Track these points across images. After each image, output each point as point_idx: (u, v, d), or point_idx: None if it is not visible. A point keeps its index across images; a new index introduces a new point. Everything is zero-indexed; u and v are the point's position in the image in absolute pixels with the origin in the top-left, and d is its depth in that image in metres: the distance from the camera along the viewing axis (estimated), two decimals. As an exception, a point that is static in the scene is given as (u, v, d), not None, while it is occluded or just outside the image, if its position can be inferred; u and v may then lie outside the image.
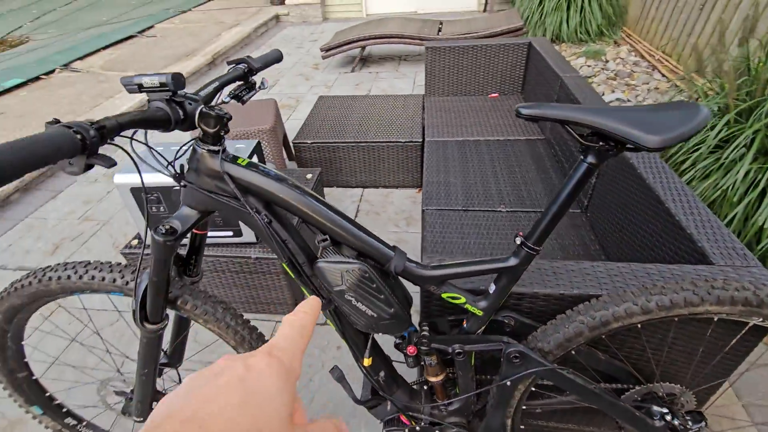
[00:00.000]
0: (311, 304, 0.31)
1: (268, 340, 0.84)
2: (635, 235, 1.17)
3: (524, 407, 0.91)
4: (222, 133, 0.65)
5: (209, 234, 1.47)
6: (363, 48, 4.35)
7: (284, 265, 0.75)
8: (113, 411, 0.96)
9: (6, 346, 0.93)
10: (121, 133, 0.54)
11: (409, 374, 1.30)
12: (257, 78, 0.83)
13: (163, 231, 0.67)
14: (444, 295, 0.76)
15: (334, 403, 1.34)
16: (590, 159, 0.62)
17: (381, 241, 0.73)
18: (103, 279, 0.79)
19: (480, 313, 0.77)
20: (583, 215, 1.58)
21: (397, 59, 4.69)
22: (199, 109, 0.62)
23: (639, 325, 0.78)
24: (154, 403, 0.94)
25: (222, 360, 0.24)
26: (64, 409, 1.09)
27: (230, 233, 1.46)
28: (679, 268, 0.84)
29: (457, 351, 0.80)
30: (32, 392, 1.02)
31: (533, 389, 0.88)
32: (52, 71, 4.38)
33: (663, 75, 3.66)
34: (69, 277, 0.80)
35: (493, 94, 2.68)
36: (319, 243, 0.73)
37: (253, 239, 1.48)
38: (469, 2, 6.32)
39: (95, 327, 1.31)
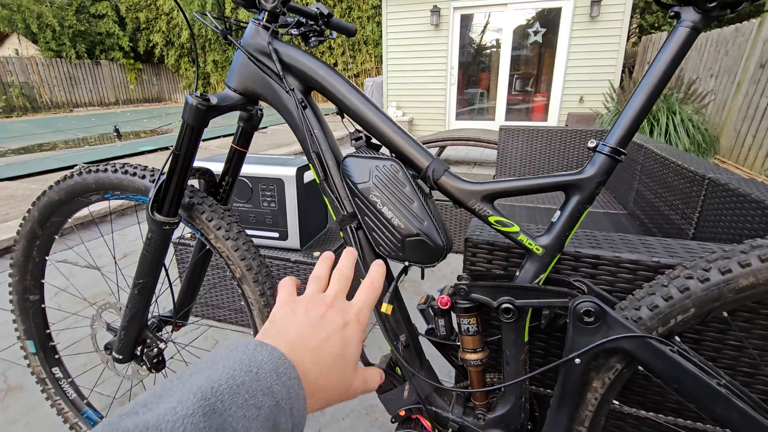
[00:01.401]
0: (380, 270, 0.42)
1: (275, 281, 0.72)
2: None
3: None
4: (278, 12, 0.66)
5: (256, 234, 1.44)
6: (441, 149, 4.64)
7: (311, 166, 0.67)
8: (98, 353, 0.84)
9: (31, 255, 0.91)
10: None
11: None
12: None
13: (198, 95, 0.65)
14: (492, 219, 0.60)
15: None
16: (689, 17, 0.50)
17: (421, 147, 0.63)
18: (134, 174, 0.77)
19: (539, 250, 0.58)
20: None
21: (472, 164, 4.88)
22: None
23: (785, 298, 0.53)
24: (139, 348, 0.82)
25: (324, 305, 0.36)
26: (57, 356, 0.99)
27: (276, 234, 1.42)
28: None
29: (504, 306, 0.60)
30: (35, 323, 0.95)
31: (616, 403, 0.60)
32: (179, 145, 5.28)
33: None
34: (105, 170, 0.79)
35: (570, 179, 2.58)
36: (354, 141, 0.65)
37: (298, 245, 1.41)
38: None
39: (113, 252, 1.21)
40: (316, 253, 1.40)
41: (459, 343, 0.69)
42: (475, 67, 7.29)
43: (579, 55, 6.34)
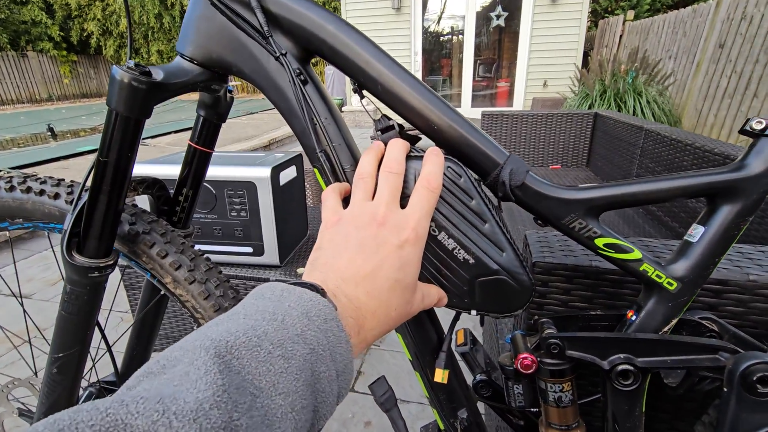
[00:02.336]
0: (437, 162, 0.36)
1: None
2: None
3: None
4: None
5: (224, 250, 1.19)
6: (412, 138, 4.45)
7: (317, 172, 0.45)
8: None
9: None
10: None
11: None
12: None
13: (133, 65, 0.40)
14: (599, 242, 0.40)
15: None
16: None
17: (488, 139, 0.43)
18: (41, 192, 0.52)
19: (672, 285, 0.40)
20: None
21: (445, 152, 4.74)
22: None
23: None
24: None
25: (374, 223, 0.32)
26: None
27: (250, 249, 1.18)
28: None
29: (620, 368, 0.41)
30: None
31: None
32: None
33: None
34: (-4, 187, 0.53)
35: (555, 166, 2.47)
36: (380, 132, 0.43)
37: (277, 261, 1.17)
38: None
39: (20, 298, 0.89)
40: (300, 270, 1.17)
41: (536, 409, 0.50)
42: (438, 53, 7.13)
43: (541, 39, 6.32)
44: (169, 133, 5.74)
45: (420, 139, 0.45)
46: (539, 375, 0.45)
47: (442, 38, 7.09)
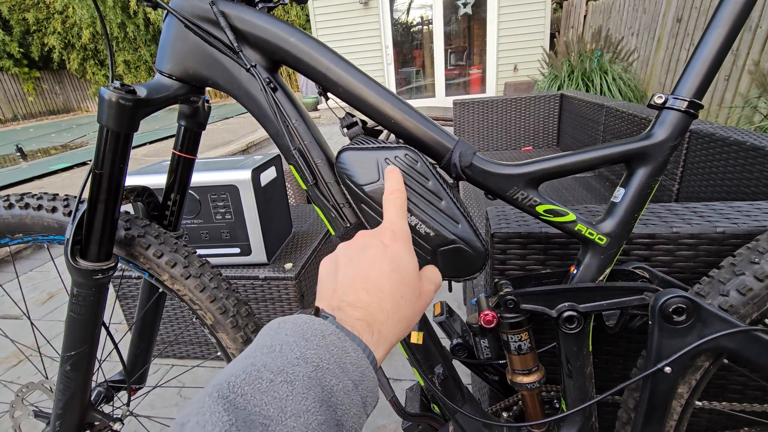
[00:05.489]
0: (395, 177, 0.42)
1: (258, 319, 0.60)
2: None
3: None
4: (219, -39, 0.48)
5: (212, 252, 1.23)
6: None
7: (293, 169, 0.51)
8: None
9: None
10: None
11: None
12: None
13: (118, 85, 0.45)
14: (540, 209, 0.47)
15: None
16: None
17: (438, 127, 0.49)
18: (39, 207, 0.56)
19: (602, 240, 0.47)
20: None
21: (423, 142, 4.80)
22: None
23: None
24: (86, 433, 0.61)
25: (359, 237, 0.36)
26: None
27: (237, 250, 1.22)
28: None
29: (566, 315, 0.48)
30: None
31: (699, 404, 0.51)
32: (99, 158, 4.69)
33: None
34: (-5, 206, 0.57)
35: (527, 147, 2.56)
36: (346, 129, 0.49)
37: (264, 259, 1.22)
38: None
39: (27, 310, 0.89)
40: (288, 265, 1.22)
41: (503, 361, 0.57)
42: (410, 45, 7.17)
43: (508, 24, 6.42)
44: (144, 144, 5.66)
45: (382, 131, 0.52)
46: (501, 329, 0.52)
47: (412, 29, 7.12)
